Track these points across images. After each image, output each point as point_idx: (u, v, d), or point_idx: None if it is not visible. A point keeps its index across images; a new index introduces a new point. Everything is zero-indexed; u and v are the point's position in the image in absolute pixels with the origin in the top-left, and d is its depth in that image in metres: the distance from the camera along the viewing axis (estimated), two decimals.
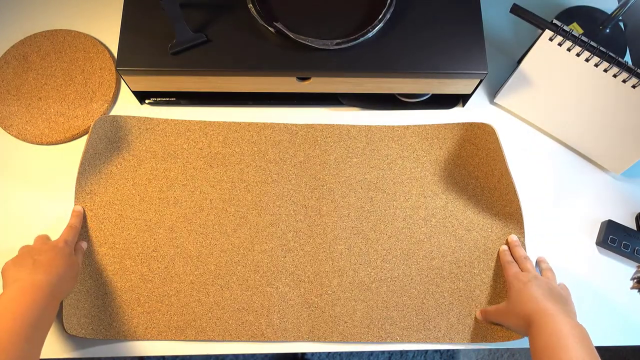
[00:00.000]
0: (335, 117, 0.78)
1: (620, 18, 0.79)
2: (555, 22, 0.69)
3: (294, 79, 0.70)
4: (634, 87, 0.68)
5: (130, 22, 0.68)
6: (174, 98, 0.77)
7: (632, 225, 0.75)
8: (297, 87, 0.72)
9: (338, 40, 0.67)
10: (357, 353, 1.39)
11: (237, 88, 0.73)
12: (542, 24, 0.70)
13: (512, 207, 0.71)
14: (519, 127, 0.79)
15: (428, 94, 0.77)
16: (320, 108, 0.78)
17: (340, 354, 1.40)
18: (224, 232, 0.71)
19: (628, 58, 0.81)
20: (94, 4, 0.81)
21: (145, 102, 0.77)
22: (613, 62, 0.67)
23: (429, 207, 0.73)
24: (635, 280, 0.71)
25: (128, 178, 0.72)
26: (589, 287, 0.72)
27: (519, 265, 0.68)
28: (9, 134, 0.74)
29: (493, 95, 0.80)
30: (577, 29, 0.80)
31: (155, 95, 0.77)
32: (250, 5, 0.68)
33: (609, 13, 0.80)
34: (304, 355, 1.37)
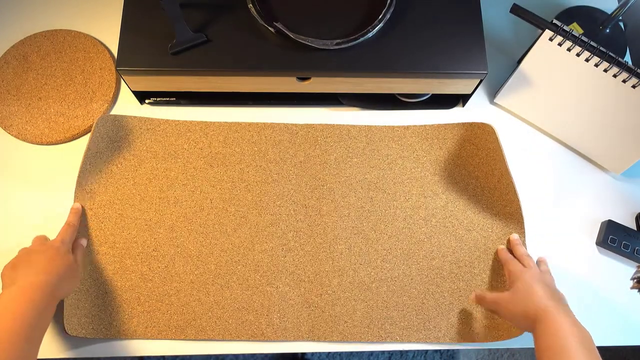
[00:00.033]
0: (335, 117, 0.78)
1: (620, 18, 0.79)
2: (555, 22, 0.69)
3: (294, 79, 0.70)
4: (634, 87, 0.68)
5: (130, 22, 0.68)
6: (174, 98, 0.77)
7: (632, 225, 0.75)
8: (297, 87, 0.72)
9: (338, 40, 0.67)
10: (357, 353, 1.39)
11: (237, 88, 0.73)
12: (542, 24, 0.70)
13: (512, 207, 0.71)
14: (519, 127, 0.79)
15: (428, 94, 0.77)
16: (320, 108, 0.79)
17: (340, 354, 1.40)
18: (224, 231, 0.71)
19: (628, 58, 0.81)
20: (94, 4, 0.81)
21: (145, 102, 0.77)
22: (613, 62, 0.67)
23: (429, 207, 0.73)
24: (635, 280, 0.71)
25: (128, 177, 0.72)
26: (589, 287, 0.72)
27: (521, 263, 0.68)
28: (9, 134, 0.74)
29: (493, 95, 0.80)
30: (577, 29, 0.80)
31: (155, 95, 0.77)
32: (250, 5, 0.68)
33: (609, 13, 0.80)
34: (304, 355, 1.37)
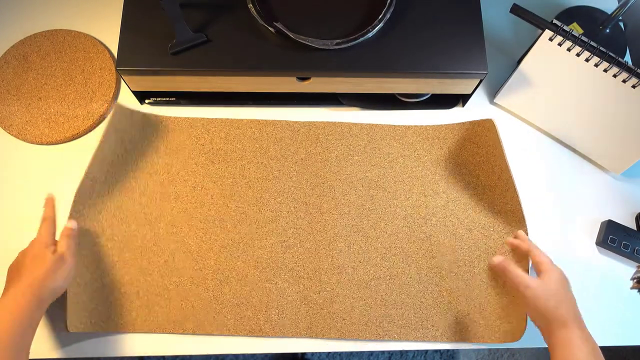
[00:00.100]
0: (335, 117, 0.78)
1: (620, 18, 0.79)
2: (555, 22, 0.69)
3: (294, 79, 0.70)
4: (634, 87, 0.68)
5: (130, 22, 0.68)
6: (174, 98, 0.77)
7: (632, 225, 0.75)
8: (297, 87, 0.72)
9: (338, 40, 0.67)
10: (357, 353, 1.39)
11: (237, 88, 0.73)
12: (542, 24, 0.70)
13: (513, 204, 0.71)
14: (519, 127, 0.79)
15: (428, 94, 0.77)
16: (320, 108, 0.78)
17: (340, 354, 1.40)
18: (224, 227, 0.71)
19: (628, 58, 0.81)
20: (94, 4, 0.81)
21: (145, 102, 0.77)
22: (613, 62, 0.67)
23: (430, 206, 0.73)
24: (635, 280, 0.71)
25: (128, 170, 0.72)
26: (589, 287, 0.72)
27: (536, 258, 0.65)
28: (9, 134, 0.74)
29: (493, 95, 0.80)
30: (577, 29, 0.80)
31: (155, 95, 0.77)
32: (250, 5, 0.68)
33: (609, 13, 0.80)
34: (304, 355, 1.37)
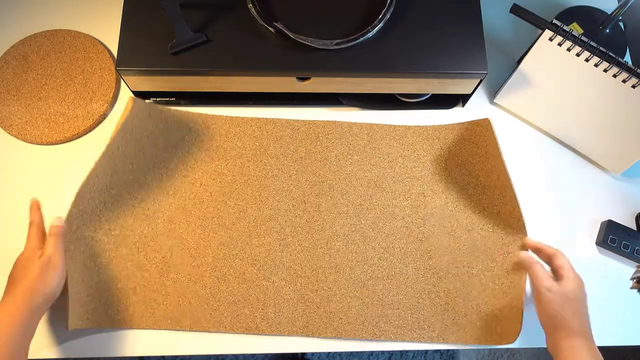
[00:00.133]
0: (335, 117, 0.78)
1: (620, 18, 0.79)
2: (555, 22, 0.69)
3: (294, 79, 0.70)
4: (634, 87, 0.68)
5: (130, 22, 0.68)
6: (174, 98, 0.77)
7: (632, 225, 0.75)
8: (297, 87, 0.72)
9: (338, 40, 0.67)
10: (357, 353, 1.39)
11: (237, 88, 0.73)
12: (542, 24, 0.70)
13: (511, 204, 0.71)
14: (519, 127, 0.79)
15: (428, 94, 0.77)
16: (320, 108, 0.78)
17: (340, 354, 1.40)
18: (223, 224, 0.71)
19: (628, 58, 0.81)
20: (94, 4, 0.81)
21: (145, 102, 0.77)
22: (613, 62, 0.67)
23: (429, 206, 0.73)
24: (635, 280, 0.71)
25: (127, 163, 0.70)
26: (589, 287, 0.71)
27: (559, 262, 0.64)
28: (9, 134, 0.74)
29: (493, 95, 0.80)
30: (577, 29, 0.80)
31: (155, 95, 0.77)
32: (250, 5, 0.68)
33: (609, 13, 0.80)
34: (304, 355, 1.37)
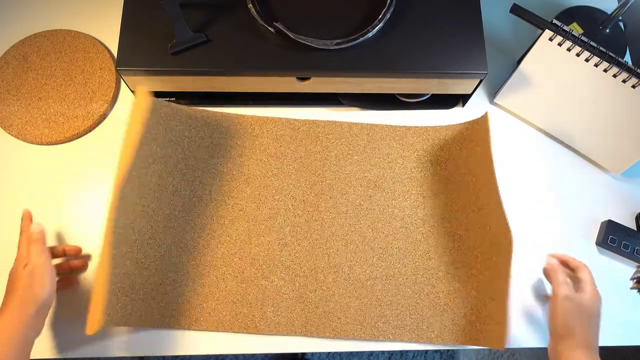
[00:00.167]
0: (335, 117, 0.78)
1: (620, 18, 0.79)
2: (555, 22, 0.69)
3: (294, 79, 0.70)
4: (634, 87, 0.68)
5: (130, 22, 0.68)
6: (174, 98, 0.77)
7: (632, 225, 0.75)
8: (297, 87, 0.72)
9: (338, 40, 0.67)
10: (357, 353, 1.39)
11: (237, 88, 0.73)
12: (542, 24, 0.70)
13: (495, 204, 0.68)
14: (519, 127, 0.79)
15: (428, 94, 0.77)
16: (320, 108, 0.79)
17: (340, 354, 1.40)
18: (222, 223, 0.71)
19: (628, 58, 0.81)
20: (94, 4, 0.81)
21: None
22: (613, 62, 0.67)
23: (428, 206, 0.73)
24: (635, 280, 0.71)
25: (127, 156, 0.68)
26: None
27: (581, 275, 0.64)
28: (9, 134, 0.74)
29: (493, 95, 0.80)
30: (577, 29, 0.80)
31: (155, 95, 0.77)
32: (250, 5, 0.68)
33: (609, 13, 0.80)
34: (304, 355, 1.37)
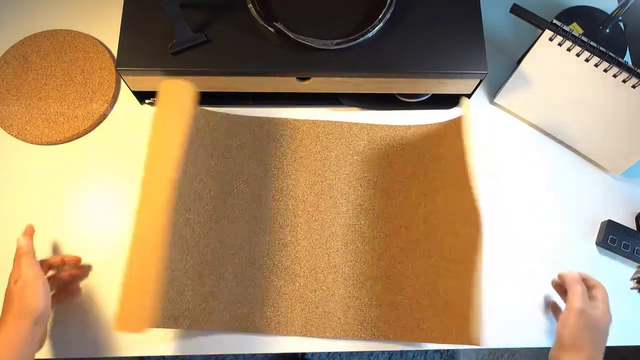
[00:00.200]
0: (335, 117, 0.78)
1: (620, 18, 0.79)
2: (555, 22, 0.69)
3: (294, 79, 0.70)
4: (634, 87, 0.68)
5: (130, 22, 0.68)
6: None
7: (632, 225, 0.75)
8: (297, 87, 0.72)
9: (338, 40, 0.67)
10: (357, 353, 1.39)
11: (237, 88, 0.73)
12: (542, 24, 0.70)
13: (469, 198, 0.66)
14: (519, 127, 0.79)
15: (428, 94, 0.77)
16: (320, 108, 0.79)
17: (340, 354, 1.40)
18: (221, 223, 0.71)
19: (628, 58, 0.81)
20: (94, 4, 0.81)
21: (145, 102, 0.77)
22: (613, 62, 0.67)
23: (429, 205, 0.73)
24: (635, 280, 0.71)
25: (175, 151, 0.66)
26: None
27: (596, 293, 0.64)
28: (9, 134, 0.74)
29: (493, 95, 0.80)
30: (577, 29, 0.80)
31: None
32: (250, 5, 0.68)
33: (609, 13, 0.80)
34: (304, 355, 1.37)
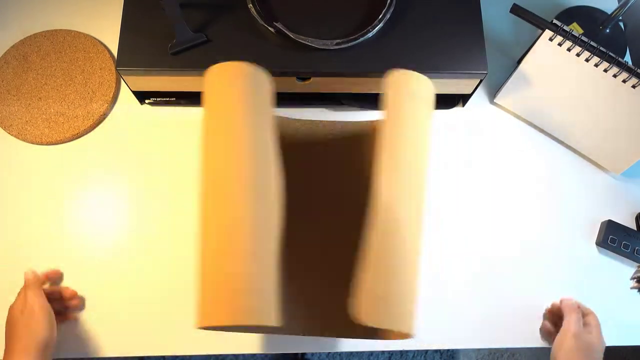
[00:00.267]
0: (335, 117, 0.78)
1: (620, 18, 0.79)
2: (555, 22, 0.69)
3: (294, 79, 0.70)
4: (634, 87, 0.68)
5: (130, 22, 0.68)
6: (174, 98, 0.77)
7: (632, 225, 0.75)
8: (297, 87, 0.72)
9: (338, 40, 0.67)
10: (357, 353, 1.39)
11: None
12: (542, 24, 0.70)
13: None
14: (519, 127, 0.79)
15: None
16: (321, 108, 0.78)
17: (340, 354, 1.40)
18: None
19: (628, 58, 0.81)
20: (94, 4, 0.81)
21: (145, 102, 0.77)
22: (613, 62, 0.67)
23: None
24: (635, 280, 0.71)
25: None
26: (589, 287, 0.72)
27: (589, 320, 0.65)
28: (9, 134, 0.74)
29: (493, 95, 0.80)
30: (577, 29, 0.80)
31: (155, 95, 0.77)
32: (250, 5, 0.68)
33: (609, 13, 0.80)
34: (304, 355, 1.37)
